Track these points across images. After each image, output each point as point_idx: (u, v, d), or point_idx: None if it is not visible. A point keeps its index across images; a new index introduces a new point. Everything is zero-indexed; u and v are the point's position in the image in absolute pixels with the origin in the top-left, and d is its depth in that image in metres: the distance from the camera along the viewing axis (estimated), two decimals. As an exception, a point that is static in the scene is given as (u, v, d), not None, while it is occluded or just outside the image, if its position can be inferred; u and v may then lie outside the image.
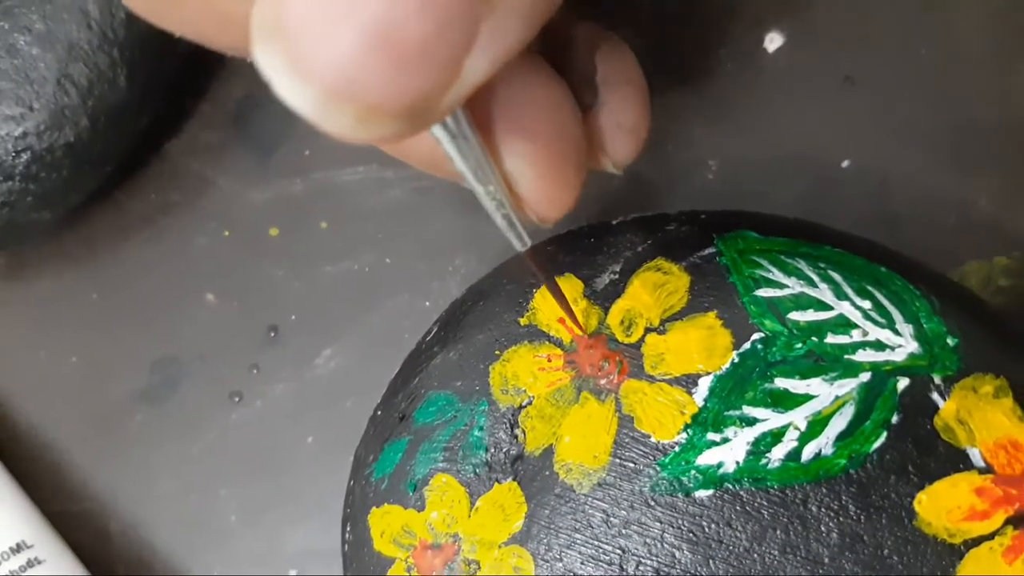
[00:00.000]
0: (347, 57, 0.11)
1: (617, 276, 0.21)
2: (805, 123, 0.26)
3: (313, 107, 0.12)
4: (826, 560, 0.19)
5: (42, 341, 0.28)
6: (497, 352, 0.21)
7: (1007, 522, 0.18)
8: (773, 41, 0.26)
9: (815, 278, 0.20)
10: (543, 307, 0.21)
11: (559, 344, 0.21)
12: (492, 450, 0.21)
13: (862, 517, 0.19)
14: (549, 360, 0.21)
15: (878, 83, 0.26)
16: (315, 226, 0.27)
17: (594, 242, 0.21)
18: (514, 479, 0.21)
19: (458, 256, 0.26)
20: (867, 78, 0.26)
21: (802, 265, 0.20)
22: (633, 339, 0.20)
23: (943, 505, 0.19)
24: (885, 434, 0.19)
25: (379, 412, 0.23)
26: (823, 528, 0.19)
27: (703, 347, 0.19)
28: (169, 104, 0.27)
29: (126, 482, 0.27)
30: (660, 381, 0.20)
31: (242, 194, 0.27)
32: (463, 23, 0.11)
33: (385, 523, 0.22)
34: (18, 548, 0.25)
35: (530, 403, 0.21)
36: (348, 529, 0.23)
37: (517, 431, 0.21)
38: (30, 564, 0.25)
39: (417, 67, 0.11)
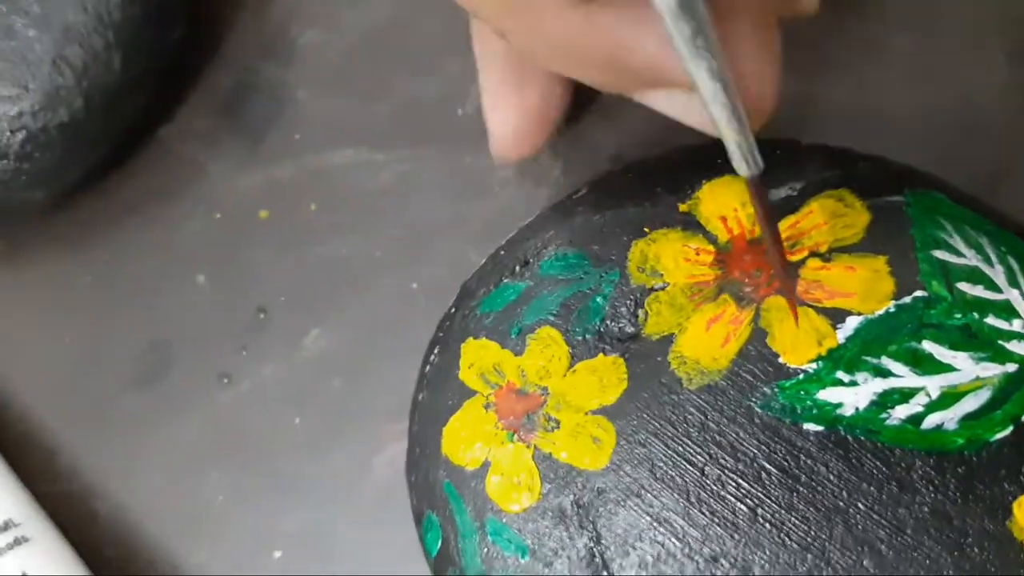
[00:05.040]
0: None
1: (795, 194, 0.20)
2: (782, 105, 0.26)
3: None
4: (908, 530, 0.18)
5: (35, 323, 0.28)
6: (646, 229, 0.21)
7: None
8: None
9: (993, 258, 0.19)
10: (709, 200, 0.21)
11: (713, 240, 0.20)
12: (609, 322, 0.21)
13: (959, 500, 0.18)
14: (697, 253, 0.20)
15: (850, 67, 0.26)
16: (305, 209, 0.27)
17: (780, 155, 0.21)
18: (621, 356, 0.20)
19: (445, 239, 0.27)
20: (843, 61, 0.26)
21: (984, 242, 0.19)
22: (794, 258, 0.20)
23: (1041, 515, 0.18)
24: (1012, 428, 0.18)
25: (502, 252, 0.23)
26: (918, 499, 0.18)
27: (864, 287, 0.19)
28: (162, 90, 0.28)
29: (115, 463, 0.27)
30: (808, 306, 0.19)
31: (233, 178, 0.28)
32: None
33: (478, 356, 0.21)
34: (5, 527, 0.25)
35: (663, 288, 0.20)
36: (436, 352, 0.22)
37: (640, 311, 0.20)
38: (17, 542, 0.25)
39: None
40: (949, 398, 0.18)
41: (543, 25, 0.15)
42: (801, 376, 0.19)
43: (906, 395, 0.19)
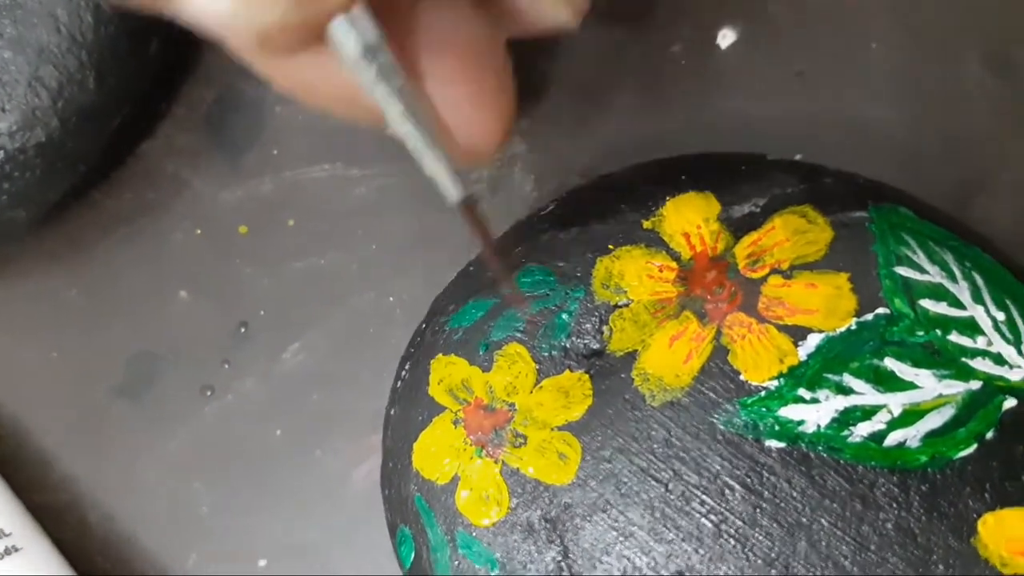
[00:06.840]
0: None
1: (759, 210, 0.20)
2: (758, 119, 0.26)
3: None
4: (872, 547, 0.18)
5: (23, 337, 0.29)
6: (611, 247, 0.21)
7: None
8: (726, 37, 0.26)
9: (958, 274, 0.19)
10: (672, 217, 0.21)
11: (676, 257, 0.20)
12: (574, 338, 0.21)
13: (923, 517, 0.18)
14: (660, 270, 0.20)
15: (830, 78, 0.26)
16: (283, 224, 0.28)
17: (745, 170, 0.20)
18: (586, 372, 0.20)
19: (421, 252, 0.27)
20: (819, 74, 0.26)
21: (948, 258, 0.19)
22: (755, 275, 0.19)
23: (1006, 532, 0.18)
24: (976, 446, 0.18)
25: (471, 268, 0.23)
26: (881, 515, 0.18)
27: (825, 305, 0.19)
28: (143, 107, 0.28)
29: (104, 474, 0.28)
30: (769, 323, 0.19)
31: (214, 194, 0.28)
32: None
33: (446, 372, 0.22)
34: None
35: (627, 305, 0.20)
36: (407, 368, 0.23)
37: (604, 328, 0.21)
38: (7, 552, 0.25)
39: None
40: (912, 416, 0.18)
41: (287, 69, 0.15)
42: (762, 393, 0.19)
43: (868, 412, 0.18)
